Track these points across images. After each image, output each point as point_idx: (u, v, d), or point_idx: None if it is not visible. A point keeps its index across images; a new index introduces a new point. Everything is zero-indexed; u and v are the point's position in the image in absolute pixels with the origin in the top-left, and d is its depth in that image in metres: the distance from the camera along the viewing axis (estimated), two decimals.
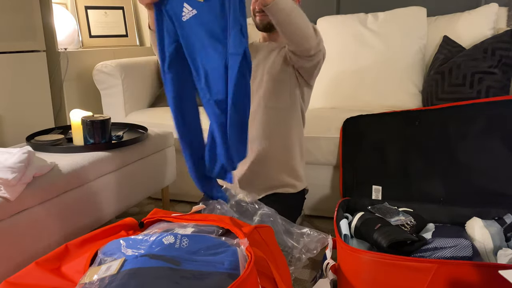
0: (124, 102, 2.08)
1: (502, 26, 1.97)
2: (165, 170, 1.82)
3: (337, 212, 1.26)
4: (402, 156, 1.49)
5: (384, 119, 1.55)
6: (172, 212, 1.16)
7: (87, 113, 1.53)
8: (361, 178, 1.54)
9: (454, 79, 1.74)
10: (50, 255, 0.94)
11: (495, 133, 1.37)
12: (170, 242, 0.88)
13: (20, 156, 1.17)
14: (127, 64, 2.12)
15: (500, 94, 1.65)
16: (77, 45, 2.37)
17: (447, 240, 1.07)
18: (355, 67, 2.07)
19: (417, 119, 1.50)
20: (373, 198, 1.50)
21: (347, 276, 1.06)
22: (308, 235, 1.19)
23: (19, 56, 1.82)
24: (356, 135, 1.57)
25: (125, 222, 1.11)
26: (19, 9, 1.80)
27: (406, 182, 1.47)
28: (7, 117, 1.80)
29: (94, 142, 1.47)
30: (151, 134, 1.73)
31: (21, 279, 0.86)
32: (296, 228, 1.23)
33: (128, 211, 1.98)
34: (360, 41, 2.07)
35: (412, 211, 1.33)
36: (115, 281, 0.77)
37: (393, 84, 1.99)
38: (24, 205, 1.16)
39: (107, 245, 0.92)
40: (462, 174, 1.40)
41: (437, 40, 1.99)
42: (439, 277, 0.94)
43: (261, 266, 0.89)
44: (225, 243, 0.91)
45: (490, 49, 1.71)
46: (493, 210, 1.28)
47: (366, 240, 1.20)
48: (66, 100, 2.11)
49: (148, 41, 2.72)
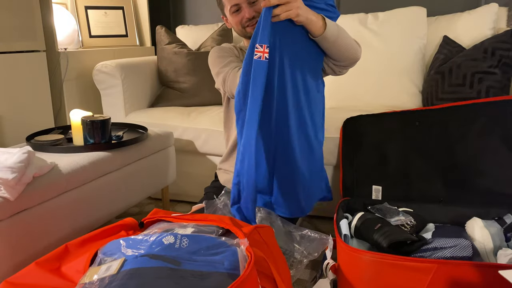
0: (124, 102, 2.08)
1: (502, 26, 1.97)
2: (165, 170, 1.82)
3: (337, 212, 1.26)
4: (402, 156, 1.49)
5: (384, 119, 1.55)
6: (172, 212, 1.16)
7: (87, 113, 1.53)
8: (361, 178, 1.54)
9: (454, 79, 1.74)
10: (50, 255, 0.94)
11: (495, 133, 1.37)
12: (170, 242, 0.88)
13: (20, 156, 1.17)
14: (127, 64, 2.12)
15: (500, 94, 1.65)
16: (77, 45, 2.37)
17: (447, 240, 1.07)
18: (355, 67, 2.05)
19: (417, 119, 1.50)
20: (373, 198, 1.50)
21: (347, 276, 1.06)
22: (309, 238, 1.19)
23: (19, 56, 1.82)
24: (356, 135, 1.57)
25: (125, 222, 1.11)
26: (19, 9, 1.80)
27: (406, 182, 1.47)
28: (7, 117, 1.80)
29: (94, 142, 1.47)
30: (151, 134, 1.73)
31: (21, 279, 0.86)
32: (297, 230, 1.23)
33: (128, 211, 1.98)
34: (360, 41, 2.06)
35: (412, 211, 1.33)
36: (115, 281, 0.77)
37: (393, 84, 1.99)
38: (24, 205, 1.16)
39: (107, 245, 0.92)
40: (462, 174, 1.40)
41: (437, 40, 1.99)
42: (439, 277, 0.94)
43: (261, 266, 0.89)
44: (225, 243, 0.91)
45: (490, 49, 1.71)
46: (493, 210, 1.28)
47: (366, 240, 1.20)
48: (66, 100, 2.11)
49: (148, 41, 2.72)
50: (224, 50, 1.43)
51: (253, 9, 1.32)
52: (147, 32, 2.71)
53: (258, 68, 1.10)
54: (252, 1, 1.31)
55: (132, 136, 1.63)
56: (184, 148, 1.94)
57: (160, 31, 2.28)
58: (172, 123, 1.95)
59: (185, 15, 2.83)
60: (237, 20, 1.35)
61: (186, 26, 2.54)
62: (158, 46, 2.29)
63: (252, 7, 1.32)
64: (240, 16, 1.33)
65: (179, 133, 1.93)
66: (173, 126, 1.94)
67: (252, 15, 1.32)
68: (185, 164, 1.97)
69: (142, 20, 2.71)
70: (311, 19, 1.14)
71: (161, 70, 2.27)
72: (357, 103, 2.00)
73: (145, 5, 2.68)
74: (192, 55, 2.20)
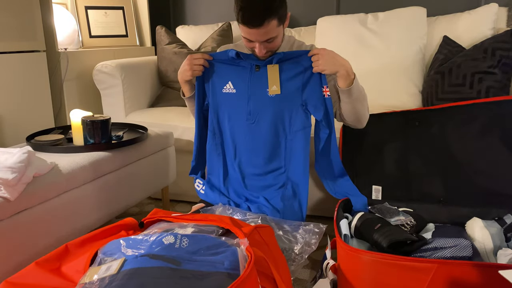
0: (124, 102, 2.08)
1: (502, 26, 1.97)
2: (165, 170, 1.82)
3: (337, 212, 1.26)
4: (402, 156, 1.49)
5: (384, 119, 1.55)
6: (172, 212, 1.16)
7: (87, 113, 1.53)
8: (361, 178, 1.54)
9: (454, 79, 1.74)
10: (50, 255, 0.94)
11: (495, 133, 1.37)
12: (170, 242, 0.88)
13: (20, 156, 1.17)
14: (127, 64, 2.12)
15: (500, 94, 1.65)
16: (77, 45, 2.37)
17: (447, 240, 1.07)
18: (355, 67, 2.04)
19: (417, 119, 1.49)
20: (373, 198, 1.50)
21: (347, 276, 1.06)
22: (304, 228, 1.21)
23: (19, 56, 1.82)
24: (356, 135, 1.57)
25: (125, 222, 1.11)
26: (19, 9, 1.80)
27: (406, 182, 1.47)
28: (7, 117, 1.80)
29: (94, 142, 1.47)
30: (151, 134, 1.73)
31: (21, 279, 0.86)
32: (288, 223, 1.24)
33: (128, 211, 1.98)
34: (360, 41, 2.07)
35: (412, 211, 1.33)
36: (115, 281, 0.77)
37: (393, 84, 1.99)
38: (24, 205, 1.16)
39: (107, 245, 0.92)
40: (462, 174, 1.40)
41: (437, 40, 1.99)
42: (439, 277, 0.94)
43: (261, 266, 0.89)
44: (225, 243, 0.91)
45: (490, 49, 1.71)
46: (493, 210, 1.28)
47: (366, 240, 1.20)
48: (66, 100, 2.11)
49: (148, 41, 2.72)
50: None
51: (265, 47, 1.28)
52: (147, 32, 2.71)
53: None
54: (269, 40, 1.27)
55: (132, 136, 1.63)
56: (184, 148, 1.94)
57: (160, 31, 2.28)
58: (172, 123, 1.95)
59: (185, 15, 2.83)
60: (247, 45, 1.32)
61: (186, 26, 2.54)
62: (158, 46, 2.29)
63: (265, 44, 1.28)
64: (251, 45, 1.30)
65: (179, 133, 1.93)
66: (173, 126, 1.94)
67: (263, 53, 1.29)
68: (185, 164, 1.97)
69: (142, 20, 2.71)
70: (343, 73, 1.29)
71: (161, 70, 2.27)
72: None
73: (145, 5, 2.68)
74: None
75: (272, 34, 1.25)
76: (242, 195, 1.41)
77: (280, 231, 1.21)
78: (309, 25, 2.38)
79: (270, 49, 1.31)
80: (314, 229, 1.21)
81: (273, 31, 1.24)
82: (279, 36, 1.30)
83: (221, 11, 2.66)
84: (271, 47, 1.30)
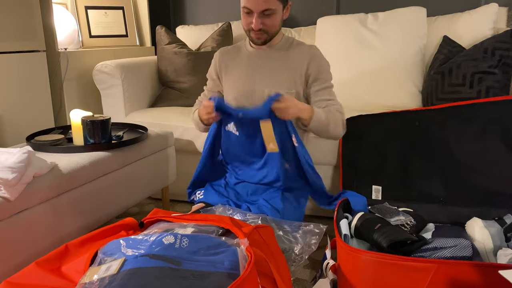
0: (124, 102, 2.08)
1: (502, 26, 1.97)
2: (165, 170, 1.82)
3: (337, 212, 1.26)
4: (402, 156, 1.49)
5: (384, 119, 1.55)
6: (172, 212, 1.16)
7: (87, 113, 1.53)
8: (361, 178, 1.54)
9: (454, 79, 1.74)
10: (50, 255, 0.94)
11: (495, 133, 1.37)
12: (170, 242, 0.88)
13: (20, 156, 1.17)
14: (127, 64, 2.12)
15: (500, 94, 1.65)
16: (77, 45, 2.37)
17: (447, 240, 1.07)
18: (355, 67, 2.07)
19: (417, 119, 1.50)
20: (373, 198, 1.50)
21: (347, 276, 1.06)
22: (304, 229, 1.21)
23: (19, 56, 1.82)
24: (356, 135, 1.57)
25: (125, 222, 1.11)
26: (19, 9, 1.80)
27: (406, 182, 1.47)
28: (7, 117, 1.80)
29: (94, 142, 1.47)
30: (151, 134, 1.73)
31: (21, 279, 0.86)
32: (289, 224, 1.24)
33: (128, 211, 1.98)
34: (360, 41, 2.07)
35: (412, 211, 1.33)
36: (115, 281, 0.77)
37: (393, 84, 1.99)
38: (24, 205, 1.16)
39: (107, 245, 0.92)
40: (462, 174, 1.40)
41: (437, 40, 1.99)
42: (439, 277, 0.94)
43: (261, 266, 0.89)
44: (225, 243, 0.91)
45: (490, 49, 1.71)
46: (493, 210, 1.28)
47: (366, 240, 1.20)
48: (66, 100, 2.11)
49: (148, 41, 2.72)
50: (209, 72, 1.59)
51: (262, 21, 1.31)
52: (147, 32, 2.71)
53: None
54: (267, 13, 1.29)
55: (132, 136, 1.63)
56: (184, 148, 1.94)
57: (160, 31, 2.28)
58: (172, 123, 1.95)
59: (185, 15, 2.83)
60: (245, 22, 1.36)
61: (186, 26, 2.54)
62: (158, 46, 2.29)
63: (262, 18, 1.30)
64: (249, 20, 1.33)
65: (179, 133, 1.93)
66: (173, 126, 1.94)
67: (259, 27, 1.31)
68: (185, 164, 1.97)
69: (142, 20, 2.71)
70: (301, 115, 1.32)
71: (161, 70, 2.27)
72: (357, 103, 2.00)
73: (145, 5, 2.68)
74: (192, 55, 2.21)
75: (271, 6, 1.27)
76: (242, 199, 1.43)
77: (280, 231, 1.20)
78: (309, 25, 2.38)
79: (267, 27, 1.31)
80: (314, 229, 1.20)
81: (273, 2, 1.26)
82: (278, 15, 1.31)
83: (221, 11, 2.66)
84: (268, 24, 1.31)
